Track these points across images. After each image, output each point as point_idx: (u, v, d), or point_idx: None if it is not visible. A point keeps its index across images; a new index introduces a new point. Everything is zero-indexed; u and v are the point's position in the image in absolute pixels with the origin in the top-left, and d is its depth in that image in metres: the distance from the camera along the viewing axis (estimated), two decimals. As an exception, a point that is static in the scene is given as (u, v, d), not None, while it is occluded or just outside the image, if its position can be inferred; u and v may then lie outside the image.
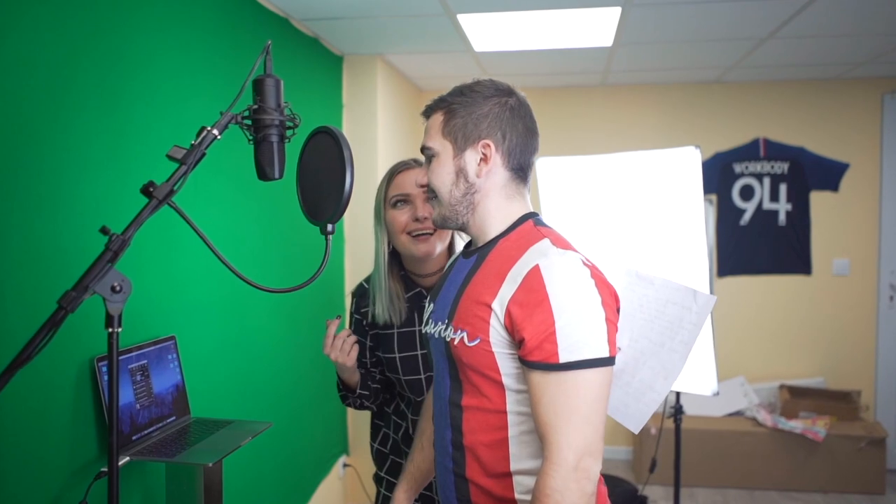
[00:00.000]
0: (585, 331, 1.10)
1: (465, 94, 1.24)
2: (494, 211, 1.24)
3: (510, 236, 1.23)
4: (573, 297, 1.10)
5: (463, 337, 1.19)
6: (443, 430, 1.28)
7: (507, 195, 1.25)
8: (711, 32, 3.11)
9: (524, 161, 1.25)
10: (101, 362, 1.59)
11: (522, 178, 1.26)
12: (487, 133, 1.22)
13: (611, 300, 1.16)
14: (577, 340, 1.09)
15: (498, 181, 1.24)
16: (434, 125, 1.26)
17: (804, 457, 3.83)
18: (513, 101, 1.24)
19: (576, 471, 1.07)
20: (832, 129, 4.23)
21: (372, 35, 3.09)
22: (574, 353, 1.09)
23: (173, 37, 1.95)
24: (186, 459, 1.58)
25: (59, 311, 1.01)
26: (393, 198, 1.64)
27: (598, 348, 1.10)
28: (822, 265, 4.28)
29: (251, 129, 1.18)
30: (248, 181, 2.33)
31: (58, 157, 1.51)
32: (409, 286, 1.69)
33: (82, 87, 1.59)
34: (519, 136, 1.23)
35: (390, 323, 1.67)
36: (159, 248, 1.86)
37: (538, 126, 1.29)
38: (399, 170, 1.66)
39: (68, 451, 1.53)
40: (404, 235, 1.62)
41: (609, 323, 1.12)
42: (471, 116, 1.22)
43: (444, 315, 1.26)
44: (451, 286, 1.29)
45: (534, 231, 1.22)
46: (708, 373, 2.48)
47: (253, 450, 2.35)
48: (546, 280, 1.11)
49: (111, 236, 1.05)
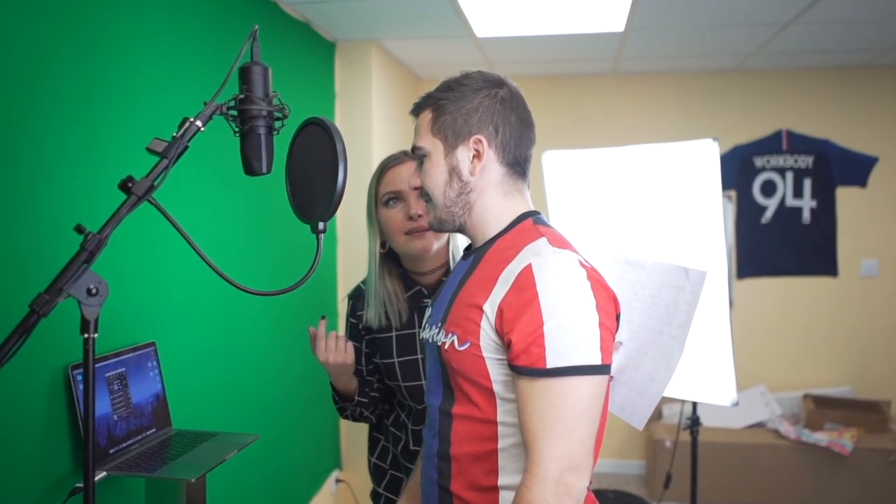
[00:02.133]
0: (576, 335, 1.10)
1: (453, 88, 1.26)
2: (491, 209, 1.25)
3: (507, 235, 1.24)
4: (565, 298, 1.10)
5: (454, 341, 1.20)
6: (430, 438, 1.30)
7: (504, 192, 1.26)
8: (730, 17, 3.11)
9: (520, 155, 1.26)
10: (75, 370, 1.59)
11: (520, 173, 1.27)
12: (479, 128, 1.22)
13: (608, 305, 1.16)
14: (567, 345, 1.09)
15: (493, 178, 1.24)
16: (423, 123, 1.28)
17: (830, 472, 3.83)
18: (503, 93, 1.25)
19: (556, 485, 1.07)
20: (860, 120, 4.23)
21: (366, 19, 3.09)
22: (562, 359, 1.09)
23: (154, 21, 1.95)
24: (167, 474, 1.57)
25: (31, 316, 1.01)
26: (385, 196, 1.64)
27: (589, 354, 1.10)
28: (849, 266, 4.28)
29: (237, 120, 1.18)
30: (234, 176, 2.33)
31: (29, 151, 1.51)
32: (409, 285, 1.69)
33: (55, 74, 1.58)
34: (513, 129, 1.24)
35: (388, 326, 1.67)
36: (139, 248, 1.86)
37: (534, 117, 1.29)
38: (389, 165, 1.67)
39: (40, 466, 1.53)
40: (400, 235, 1.62)
41: (603, 328, 1.12)
42: (460, 112, 1.23)
43: (439, 318, 1.28)
44: (448, 289, 1.30)
45: (532, 230, 1.22)
46: (726, 381, 2.47)
47: (239, 464, 2.35)
48: (537, 279, 1.11)
49: (87, 235, 1.05)
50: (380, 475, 1.78)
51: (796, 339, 4.34)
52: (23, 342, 1.02)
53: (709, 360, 2.48)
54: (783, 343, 4.34)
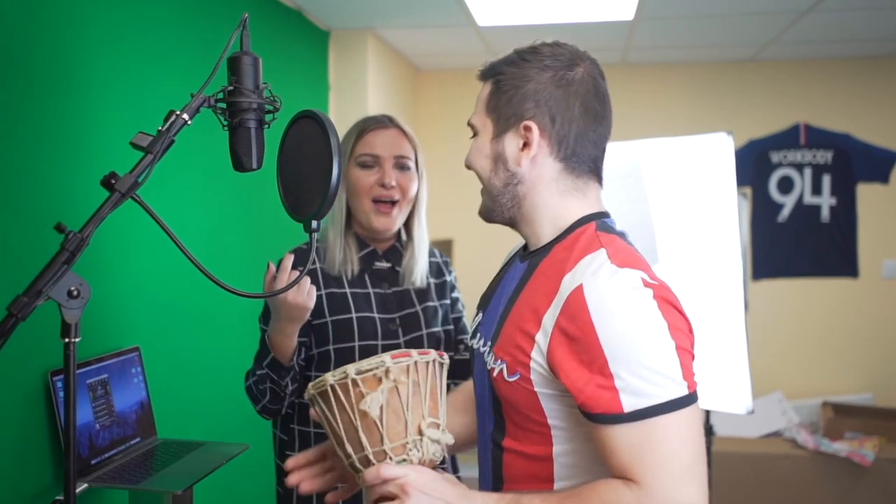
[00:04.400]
0: (653, 369, 0.99)
1: (516, 63, 1.15)
2: (545, 209, 1.16)
3: (565, 242, 1.14)
4: (629, 327, 1.00)
5: (503, 369, 1.12)
6: (485, 469, 1.23)
7: (562, 190, 1.16)
8: (746, 4, 3.11)
9: (582, 151, 1.15)
10: (56, 377, 1.59)
11: (585, 171, 1.17)
12: (533, 114, 1.13)
13: (681, 324, 1.05)
14: (644, 382, 0.99)
15: (546, 173, 1.15)
16: (481, 97, 1.20)
17: (850, 483, 3.83)
18: (574, 75, 1.14)
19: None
20: (882, 113, 4.23)
21: (362, 7, 3.09)
22: (642, 399, 0.98)
23: (138, 10, 1.95)
24: (152, 486, 1.57)
25: (9, 319, 1.01)
26: (361, 156, 1.66)
27: (673, 387, 0.99)
28: (870, 267, 4.28)
29: (226, 113, 1.18)
30: (223, 172, 2.32)
31: (8, 146, 1.51)
32: (362, 245, 1.71)
33: (36, 66, 1.58)
34: (573, 121, 1.13)
35: (337, 282, 1.66)
36: (122, 248, 1.86)
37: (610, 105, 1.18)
38: (370, 127, 1.68)
39: (18, 478, 1.53)
40: (367, 200, 1.65)
41: (682, 352, 1.01)
42: (517, 92, 1.14)
43: (490, 334, 1.20)
44: (502, 296, 1.22)
45: (593, 238, 1.12)
46: (742, 388, 2.47)
47: (227, 475, 2.35)
48: (591, 308, 1.01)
49: (67, 234, 1.05)
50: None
51: (814, 343, 4.33)
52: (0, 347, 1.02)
53: (723, 366, 2.47)
54: (801, 348, 4.34)
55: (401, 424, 1.06)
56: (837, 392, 4.31)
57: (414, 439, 1.07)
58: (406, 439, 1.06)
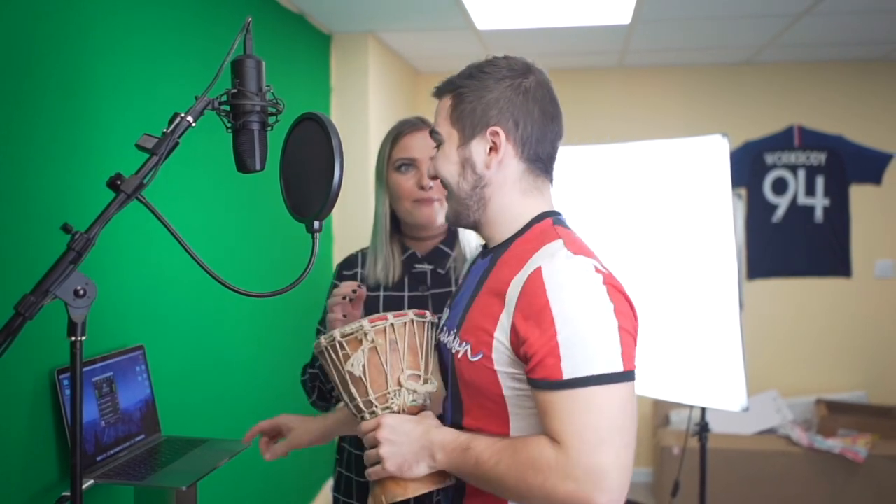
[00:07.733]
0: (594, 342, 1.06)
1: (475, 76, 1.22)
2: (508, 207, 1.23)
3: (525, 236, 1.21)
4: (578, 304, 1.08)
5: (467, 350, 1.18)
6: None
7: (523, 190, 1.24)
8: (741, 8, 3.11)
9: (542, 151, 1.23)
10: (62, 375, 1.59)
11: (542, 170, 1.25)
12: (497, 120, 1.20)
13: (627, 310, 1.13)
14: (585, 353, 1.06)
15: (511, 174, 1.22)
16: (442, 109, 1.26)
17: (843, 480, 3.83)
18: (528, 83, 1.22)
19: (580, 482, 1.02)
20: (875, 115, 4.23)
21: (363, 11, 3.09)
22: (580, 369, 1.05)
23: (143, 13, 1.95)
24: (157, 482, 1.57)
25: (17, 318, 1.01)
26: (398, 161, 1.67)
27: (609, 362, 1.06)
28: (863, 267, 4.28)
29: (229, 115, 1.18)
30: (227, 173, 2.33)
31: (15, 148, 1.51)
32: (404, 248, 1.73)
33: (42, 69, 1.58)
34: (534, 123, 1.21)
35: (376, 286, 1.70)
36: (127, 248, 1.86)
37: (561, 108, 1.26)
38: (406, 130, 1.69)
39: (25, 475, 1.53)
40: (408, 202, 1.66)
41: (623, 333, 1.09)
42: (480, 102, 1.21)
43: (455, 324, 1.26)
44: (465, 292, 1.28)
45: (550, 231, 1.20)
46: (736, 386, 2.48)
47: (231, 472, 2.35)
48: (548, 285, 1.09)
49: (74, 234, 1.05)
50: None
51: (808, 342, 4.34)
52: (7, 346, 1.02)
53: (718, 364, 2.48)
54: (795, 346, 4.34)
55: (381, 378, 1.22)
56: (831, 390, 4.32)
57: (394, 390, 1.22)
58: (387, 390, 1.22)
